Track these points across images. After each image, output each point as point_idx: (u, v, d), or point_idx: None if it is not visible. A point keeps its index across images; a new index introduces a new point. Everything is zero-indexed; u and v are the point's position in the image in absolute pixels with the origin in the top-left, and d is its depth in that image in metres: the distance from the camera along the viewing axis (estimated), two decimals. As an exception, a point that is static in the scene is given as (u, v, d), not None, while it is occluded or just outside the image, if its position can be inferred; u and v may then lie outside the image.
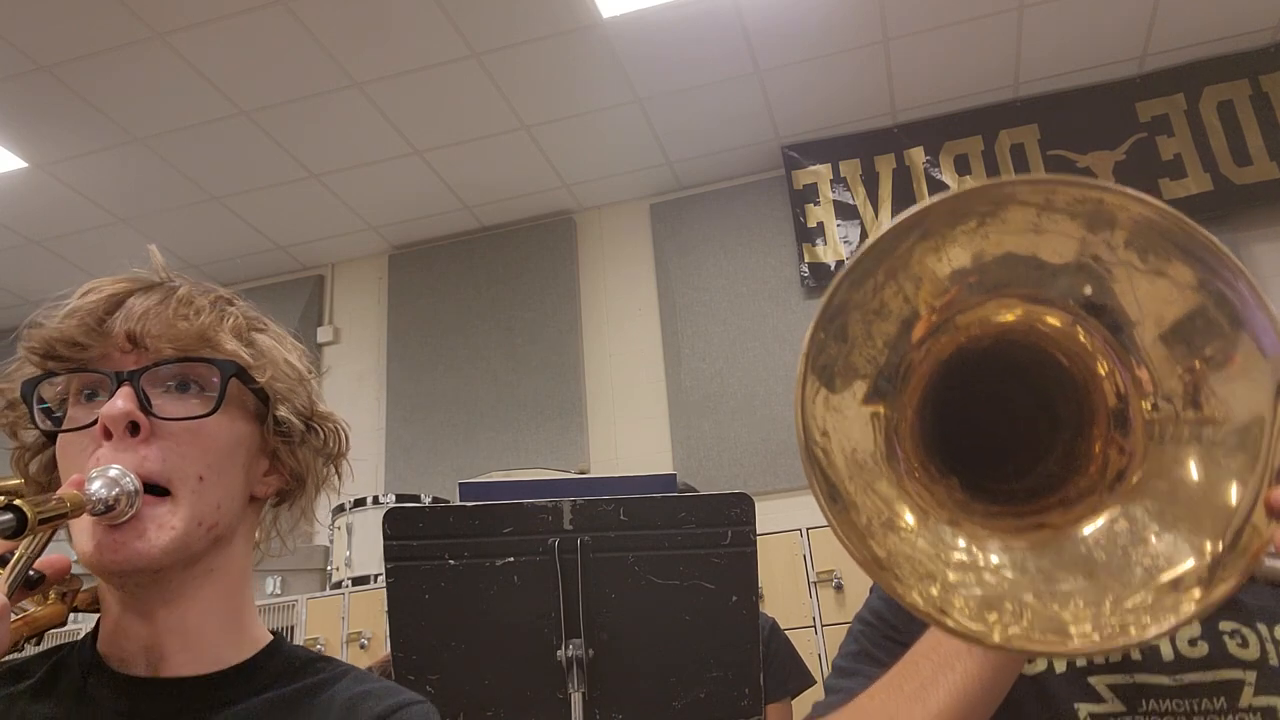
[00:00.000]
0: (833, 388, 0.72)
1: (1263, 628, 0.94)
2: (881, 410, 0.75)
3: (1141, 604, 0.67)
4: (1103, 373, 0.76)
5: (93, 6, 3.09)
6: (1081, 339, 0.76)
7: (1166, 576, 0.68)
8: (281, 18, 3.23)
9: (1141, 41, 3.72)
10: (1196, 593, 0.65)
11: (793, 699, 2.32)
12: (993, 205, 0.70)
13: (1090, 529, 0.74)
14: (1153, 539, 0.70)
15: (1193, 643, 0.94)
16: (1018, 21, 3.54)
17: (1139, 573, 0.69)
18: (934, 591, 0.69)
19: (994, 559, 0.73)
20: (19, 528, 0.64)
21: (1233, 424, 0.68)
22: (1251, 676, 0.91)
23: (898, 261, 0.72)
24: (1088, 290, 0.73)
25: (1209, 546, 0.67)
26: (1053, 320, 0.76)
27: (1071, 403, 0.79)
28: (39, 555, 0.72)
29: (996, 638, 0.67)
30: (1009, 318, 0.77)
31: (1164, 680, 0.92)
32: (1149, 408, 0.73)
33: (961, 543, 0.73)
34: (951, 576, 0.70)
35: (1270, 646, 0.93)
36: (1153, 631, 0.65)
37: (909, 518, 0.73)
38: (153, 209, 4.23)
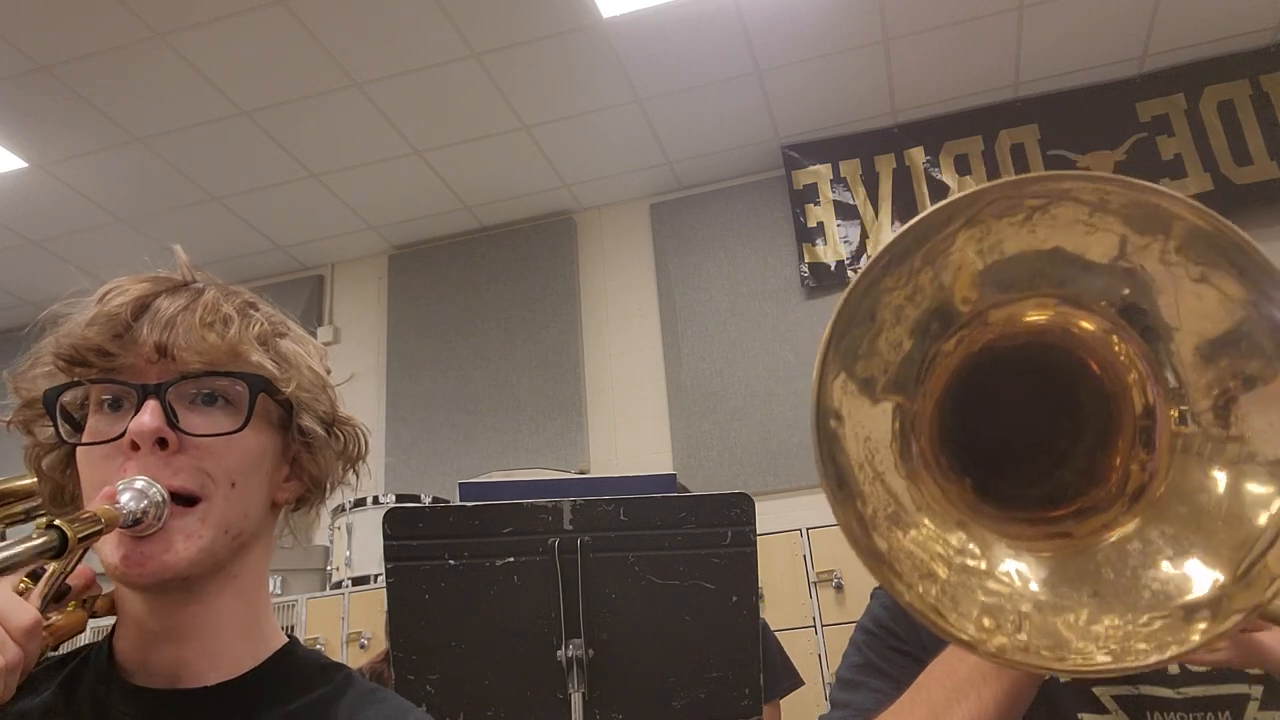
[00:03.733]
0: (853, 372, 0.69)
1: None
2: (901, 401, 0.71)
3: (1145, 629, 0.65)
4: (1133, 382, 0.73)
5: (93, 6, 3.09)
6: (1115, 346, 0.73)
7: (1174, 602, 0.65)
8: (281, 18, 3.22)
9: (1141, 41, 3.72)
10: (1203, 624, 0.63)
11: (781, 699, 2.33)
12: (1045, 200, 0.67)
13: (1102, 545, 0.71)
14: (1164, 563, 0.68)
15: None
16: (1018, 21, 3.54)
17: (1146, 596, 0.67)
18: (933, 592, 0.67)
19: (999, 566, 0.70)
20: (61, 548, 0.64)
21: (1261, 449, 0.66)
22: (1258, 691, 0.90)
23: (938, 247, 0.68)
24: (1127, 295, 0.70)
25: (1222, 577, 0.65)
26: (1088, 324, 0.73)
27: (1098, 412, 0.77)
28: (72, 571, 0.72)
29: (992, 647, 0.65)
30: (1043, 318, 0.74)
31: (1168, 693, 0.91)
32: (1176, 419, 0.70)
33: (969, 546, 0.71)
34: (953, 579, 0.68)
35: None
36: (1153, 659, 0.63)
37: (916, 514, 0.70)
38: (153, 209, 4.23)
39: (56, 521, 0.64)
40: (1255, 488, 0.66)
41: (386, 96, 3.68)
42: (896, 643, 0.99)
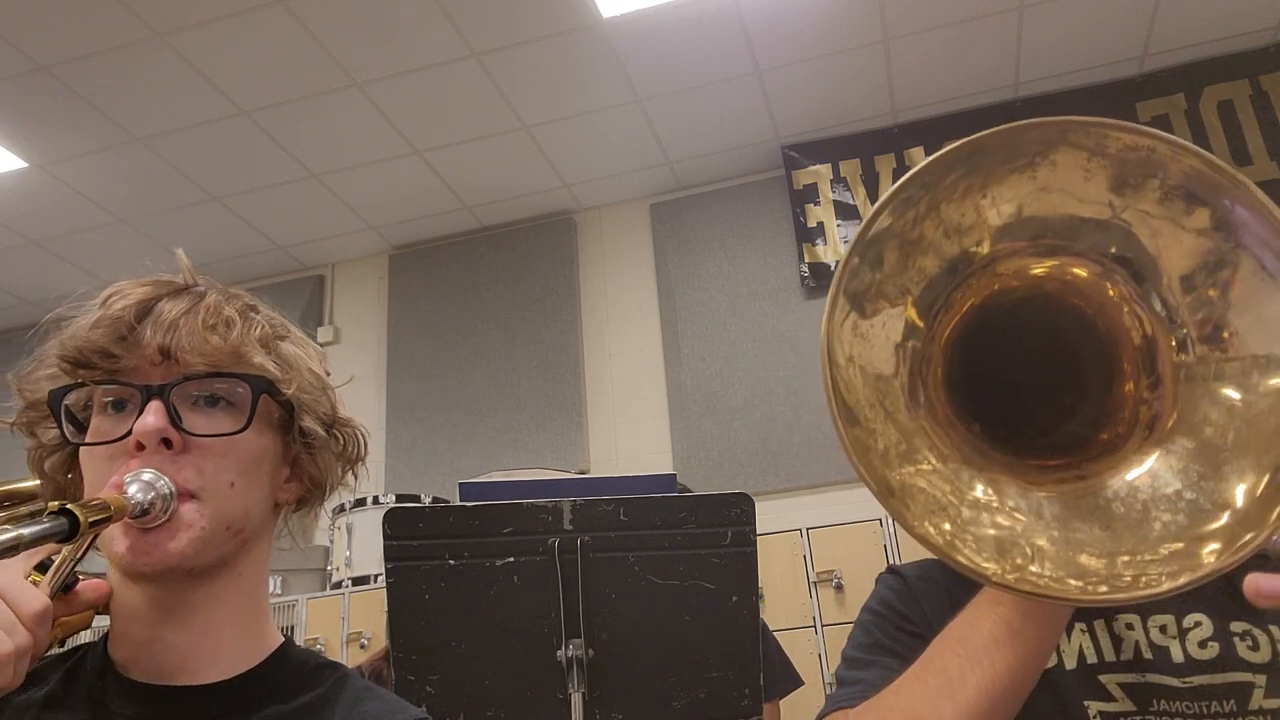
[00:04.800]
0: (863, 314, 0.71)
1: (1275, 629, 0.93)
2: (910, 344, 0.73)
3: (1158, 557, 0.66)
4: (1130, 324, 0.75)
5: (93, 6, 3.09)
6: (1110, 290, 0.75)
7: (1188, 532, 0.66)
8: (281, 18, 3.23)
9: (1141, 41, 3.72)
10: (1217, 546, 0.64)
11: (780, 700, 2.33)
12: (1044, 145, 0.68)
13: (1112, 482, 0.72)
14: (1174, 493, 0.69)
15: (1203, 644, 0.93)
16: (1018, 21, 3.54)
17: (1158, 527, 0.68)
18: (945, 526, 0.68)
19: (1010, 503, 0.72)
20: (72, 531, 0.65)
21: (1256, 361, 0.67)
22: (1262, 679, 0.90)
23: (941, 194, 0.70)
24: (1122, 241, 0.71)
25: (1236, 501, 0.65)
26: (1083, 272, 0.75)
27: (1100, 360, 0.78)
28: (82, 559, 0.73)
29: (1009, 578, 0.65)
30: (1044, 268, 0.76)
31: (1174, 682, 0.91)
32: (1175, 347, 0.72)
33: (978, 485, 0.72)
34: (965, 514, 0.70)
35: None
36: (1166, 585, 0.64)
37: (927, 453, 0.72)
38: (153, 209, 4.23)
39: (68, 505, 0.65)
40: (1260, 403, 0.67)
41: (386, 96, 3.68)
42: (904, 624, 0.99)
